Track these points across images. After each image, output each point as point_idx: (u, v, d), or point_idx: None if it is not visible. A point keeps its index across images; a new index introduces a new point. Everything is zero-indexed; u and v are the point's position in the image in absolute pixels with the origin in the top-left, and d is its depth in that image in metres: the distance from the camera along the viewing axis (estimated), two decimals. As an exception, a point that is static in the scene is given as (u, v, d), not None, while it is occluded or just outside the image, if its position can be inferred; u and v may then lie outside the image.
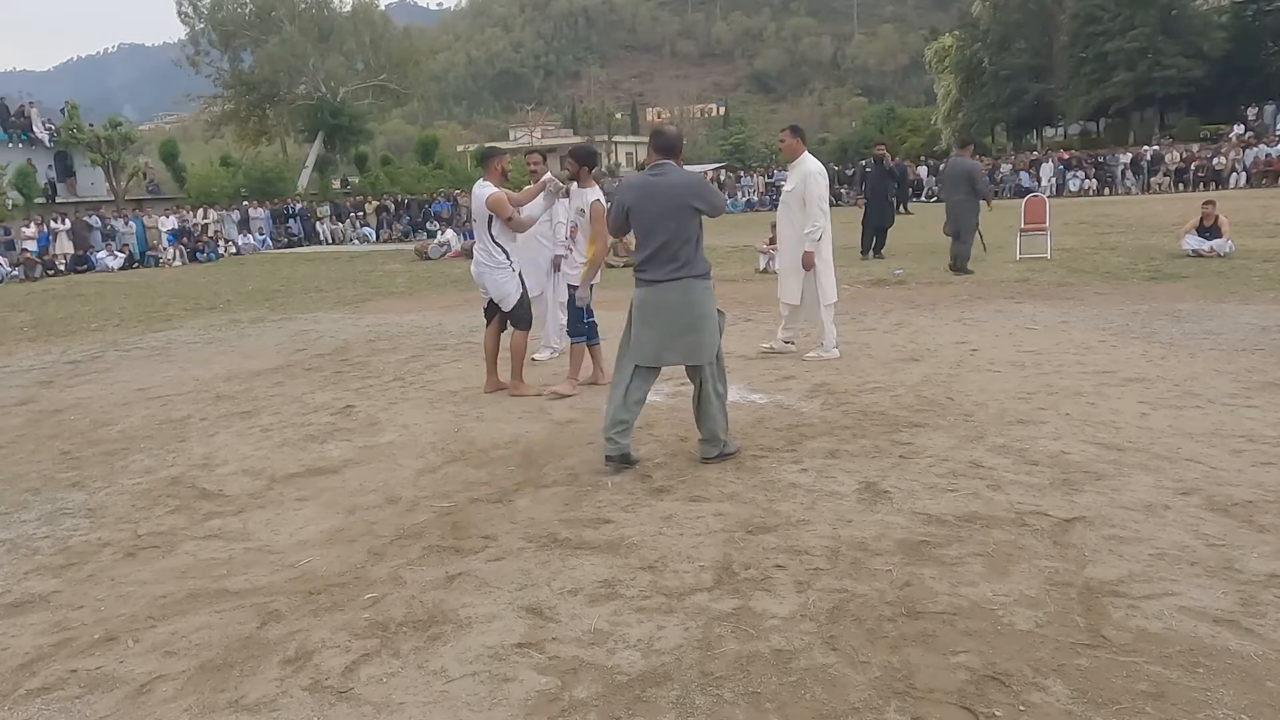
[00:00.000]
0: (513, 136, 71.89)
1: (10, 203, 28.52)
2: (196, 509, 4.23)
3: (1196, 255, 11.52)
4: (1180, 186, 30.45)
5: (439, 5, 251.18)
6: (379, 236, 30.99)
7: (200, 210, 28.76)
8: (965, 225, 11.63)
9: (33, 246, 22.65)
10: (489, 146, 6.38)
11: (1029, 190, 26.66)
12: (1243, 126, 37.30)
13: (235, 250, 27.27)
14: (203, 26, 43.72)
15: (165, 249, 25.07)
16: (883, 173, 15.17)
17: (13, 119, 34.82)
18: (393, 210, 32.39)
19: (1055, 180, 31.44)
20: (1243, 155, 30.34)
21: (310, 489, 4.44)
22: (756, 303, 9.86)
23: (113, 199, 33.17)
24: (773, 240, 13.10)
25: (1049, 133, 50.67)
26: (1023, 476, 4.01)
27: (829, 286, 6.74)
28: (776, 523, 3.63)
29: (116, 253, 24.10)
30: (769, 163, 45.68)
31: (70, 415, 6.41)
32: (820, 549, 3.36)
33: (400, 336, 9.17)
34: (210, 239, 26.75)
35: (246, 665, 2.75)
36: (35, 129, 35.10)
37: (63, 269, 22.80)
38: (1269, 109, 38.64)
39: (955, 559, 3.22)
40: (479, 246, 6.02)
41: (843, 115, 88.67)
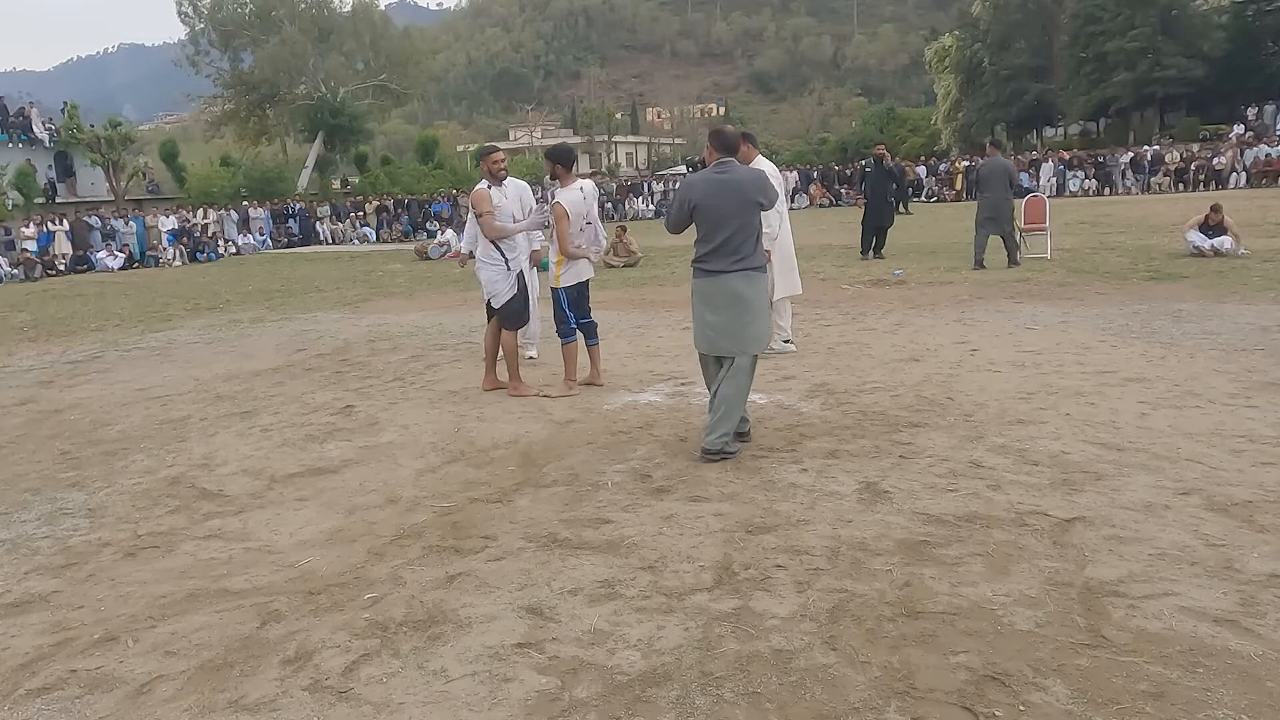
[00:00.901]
0: (513, 136, 71.96)
1: (10, 203, 28.51)
2: (196, 509, 4.23)
3: (1198, 253, 11.51)
4: (1180, 186, 30.45)
5: (439, 5, 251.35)
6: (379, 236, 31.00)
7: (200, 210, 28.77)
8: (1008, 219, 12.22)
9: (33, 246, 22.65)
10: (484, 145, 6.41)
11: (1029, 190, 26.69)
12: (1243, 126, 37.30)
13: (235, 250, 27.28)
14: (203, 26, 43.73)
15: (165, 249, 25.08)
16: (883, 173, 15.18)
17: (13, 119, 34.80)
18: (393, 210, 32.40)
19: (1055, 180, 31.44)
20: (1242, 155, 30.35)
21: (310, 489, 4.44)
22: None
23: (113, 199, 33.17)
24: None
25: (1049, 133, 50.65)
26: (1023, 476, 4.01)
27: (781, 283, 6.90)
28: (776, 523, 3.63)
29: (116, 253, 24.11)
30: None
31: (70, 415, 6.41)
32: (820, 549, 3.36)
33: (400, 336, 9.17)
34: (210, 239, 26.75)
35: (246, 665, 2.75)
36: (35, 129, 35.08)
37: (63, 269, 22.80)
38: (1269, 109, 38.63)
39: (955, 559, 3.22)
40: (480, 242, 6.07)
41: (843, 115, 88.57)
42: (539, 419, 5.53)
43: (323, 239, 30.96)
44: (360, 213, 32.82)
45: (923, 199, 33.06)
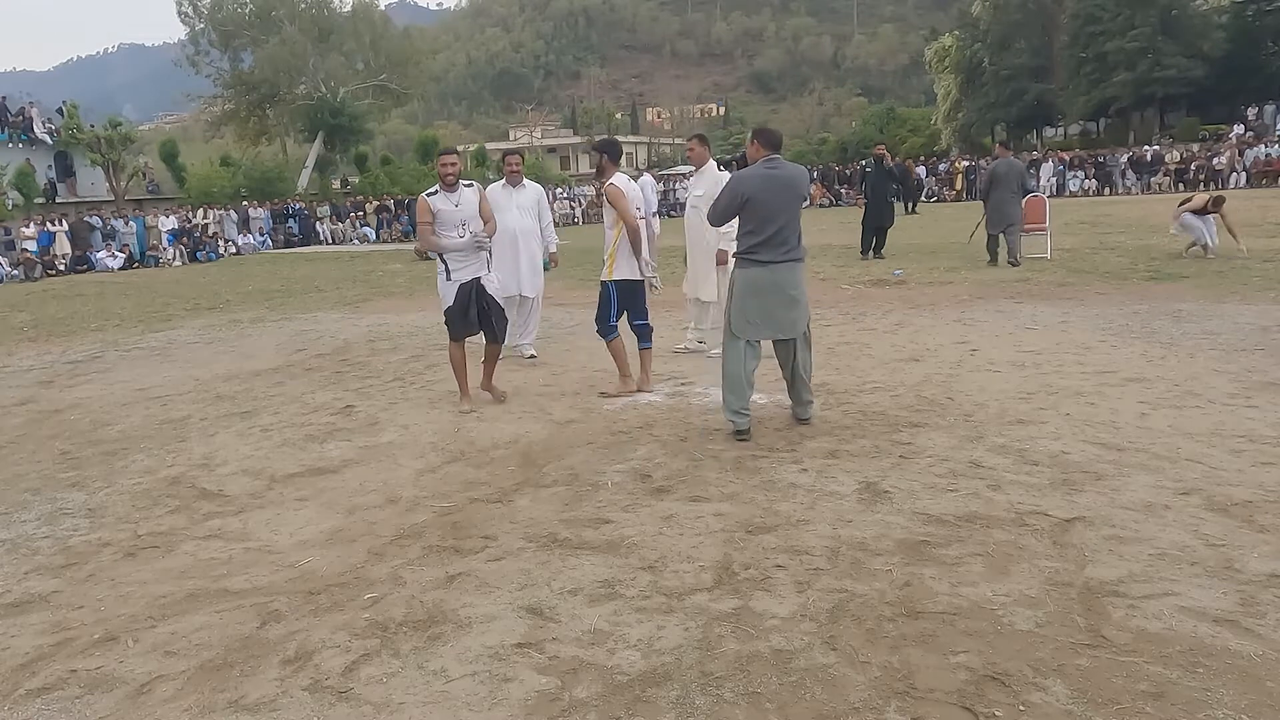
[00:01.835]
0: (513, 136, 71.98)
1: (10, 203, 28.50)
2: (196, 509, 4.23)
3: (1189, 247, 11.57)
4: (1180, 186, 30.44)
5: (439, 5, 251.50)
6: (379, 236, 31.00)
7: (200, 210, 28.75)
8: (1016, 219, 12.40)
9: (32, 246, 22.64)
10: (442, 147, 6.37)
11: (1029, 190, 26.67)
12: (1243, 126, 37.32)
13: (235, 250, 27.25)
14: (203, 26, 43.68)
15: (165, 249, 25.05)
16: (883, 173, 15.18)
17: (13, 119, 34.79)
18: (393, 210, 32.38)
19: (1055, 180, 31.45)
20: (1242, 155, 30.35)
21: (310, 489, 4.44)
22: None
23: (113, 199, 33.12)
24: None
25: (1049, 133, 50.66)
26: (1023, 476, 4.01)
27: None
28: (776, 523, 3.63)
29: (116, 253, 24.09)
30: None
31: (70, 415, 6.41)
32: (820, 549, 3.36)
33: (400, 336, 9.17)
34: (210, 239, 26.75)
35: (246, 665, 2.75)
36: (35, 129, 35.07)
37: (63, 269, 22.79)
38: (1269, 109, 38.65)
39: (955, 559, 3.22)
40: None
41: (843, 115, 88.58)
42: (539, 419, 5.53)
43: (323, 239, 30.93)
44: (360, 213, 32.80)
45: (923, 199, 33.06)
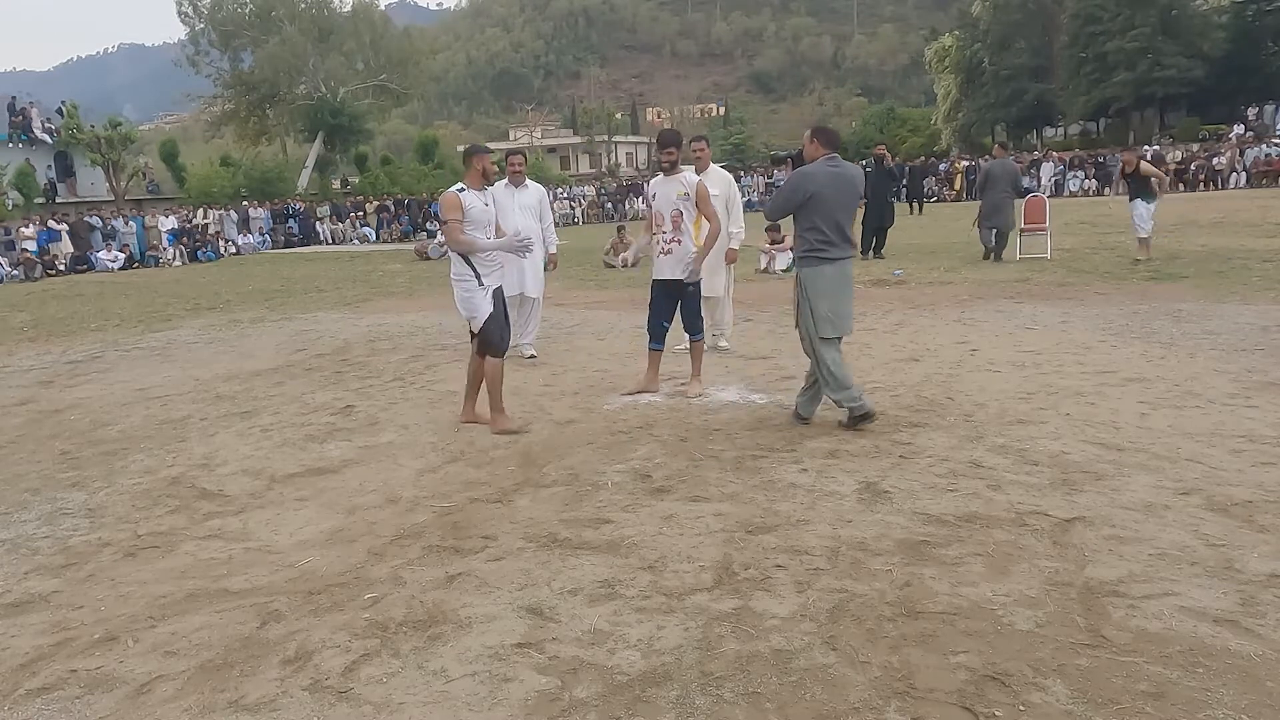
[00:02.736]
0: (513, 136, 71.88)
1: (10, 203, 28.49)
2: (196, 509, 4.23)
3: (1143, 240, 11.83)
4: (1180, 186, 30.44)
5: (439, 5, 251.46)
6: (379, 236, 30.99)
7: (200, 210, 28.75)
8: (1010, 218, 12.84)
9: (32, 246, 22.64)
10: (473, 144, 5.72)
11: (1029, 190, 26.69)
12: (1243, 126, 37.33)
13: (235, 250, 27.26)
14: (203, 26, 43.67)
15: (165, 249, 25.05)
16: (883, 173, 15.19)
17: (14, 119, 34.80)
18: (393, 210, 32.38)
19: (1055, 180, 31.44)
20: (1242, 155, 30.35)
21: (310, 489, 4.44)
22: (757, 303, 9.85)
23: (113, 199, 33.12)
24: (773, 240, 13.12)
25: (1049, 133, 50.68)
26: (1023, 476, 4.01)
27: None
28: (776, 523, 3.63)
29: (116, 253, 24.09)
30: (770, 163, 45.69)
31: (70, 415, 6.41)
32: (820, 549, 3.36)
33: (400, 336, 9.17)
34: (210, 239, 26.74)
35: (246, 665, 2.75)
36: (35, 129, 35.07)
37: (63, 269, 22.79)
38: (1269, 109, 38.66)
39: (955, 559, 3.22)
40: (452, 258, 5.33)
41: (843, 115, 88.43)
42: (539, 419, 5.53)
43: (323, 239, 30.93)
44: (360, 213, 32.80)
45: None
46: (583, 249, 18.45)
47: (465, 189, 5.20)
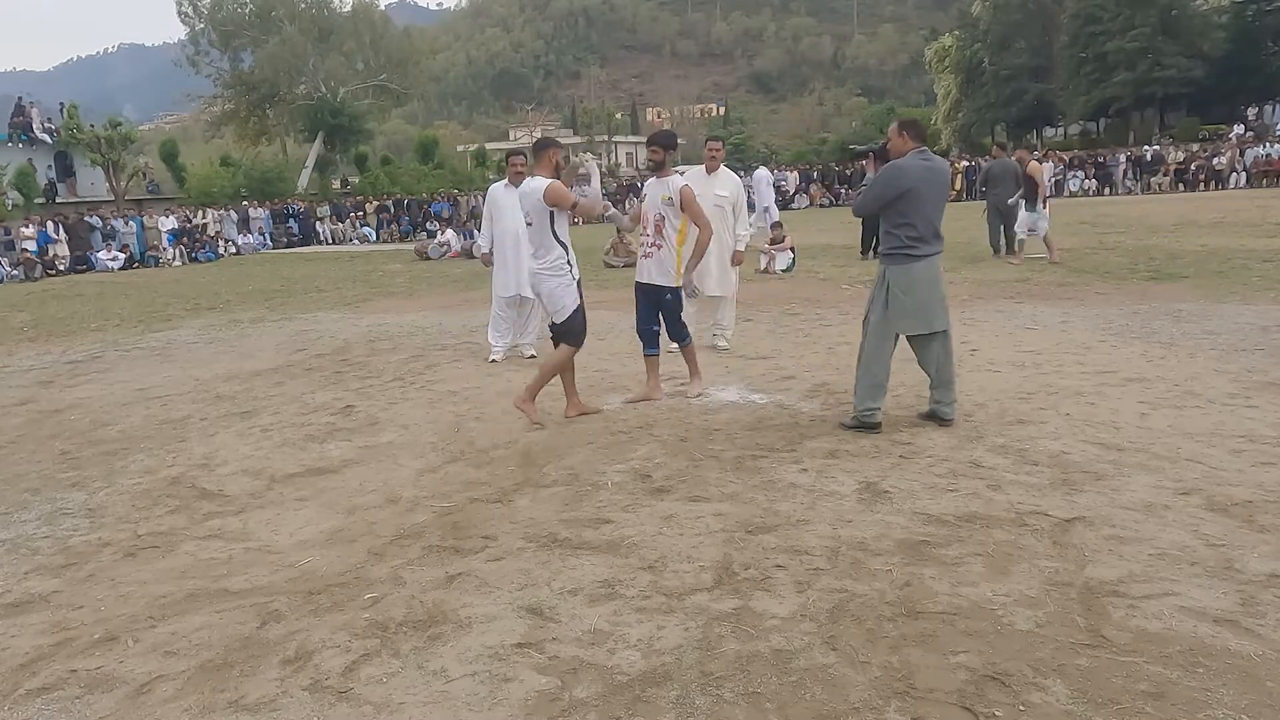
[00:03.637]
0: (513, 136, 71.95)
1: (10, 203, 28.49)
2: (196, 509, 4.23)
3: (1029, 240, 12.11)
4: (1180, 186, 30.45)
5: (439, 5, 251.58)
6: (379, 236, 30.99)
7: (200, 210, 28.75)
8: (1011, 216, 12.87)
9: (32, 246, 22.64)
10: (544, 137, 5.63)
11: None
12: (1243, 126, 37.34)
13: (235, 250, 27.26)
14: (203, 26, 43.69)
15: (165, 249, 25.06)
16: (883, 173, 15.18)
17: (14, 119, 34.80)
18: (393, 210, 32.39)
19: (1055, 180, 31.45)
20: (1243, 155, 30.35)
21: (310, 489, 4.44)
22: (757, 303, 9.85)
23: (113, 199, 33.12)
24: (774, 240, 13.12)
25: (1049, 133, 50.68)
26: (1023, 476, 4.01)
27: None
28: (776, 523, 3.63)
29: (116, 253, 24.09)
30: (769, 163, 45.75)
31: (70, 415, 6.41)
32: (820, 549, 3.36)
33: (400, 336, 9.17)
34: (210, 239, 26.74)
35: (246, 665, 2.75)
36: (35, 129, 35.07)
37: (63, 269, 22.79)
38: (1269, 109, 38.68)
39: (955, 559, 3.22)
40: (536, 250, 5.35)
41: (843, 115, 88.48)
42: (539, 419, 5.52)
43: (323, 239, 30.94)
44: (360, 213, 32.80)
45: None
46: (582, 249, 18.48)
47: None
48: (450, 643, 2.81)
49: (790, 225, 13.98)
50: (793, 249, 13.16)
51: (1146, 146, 34.83)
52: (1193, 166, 30.85)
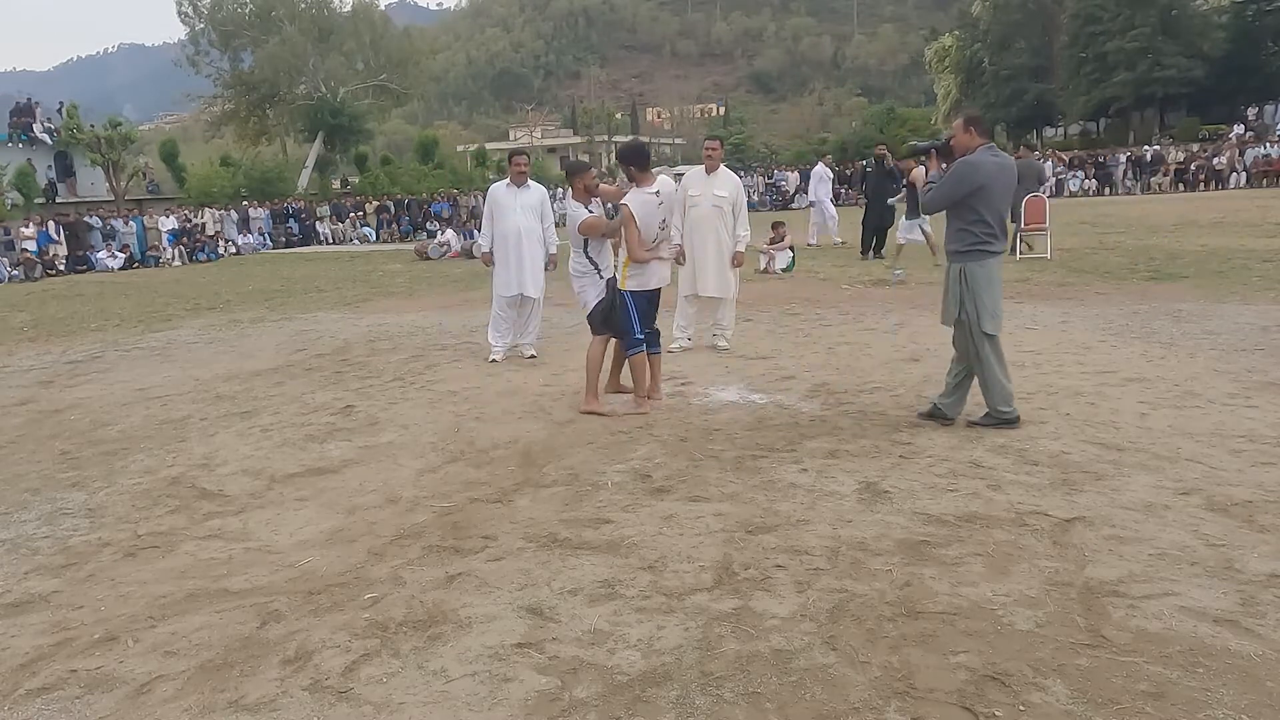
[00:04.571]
0: (513, 136, 71.86)
1: (10, 203, 28.49)
2: (196, 509, 4.23)
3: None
4: (1180, 186, 30.45)
5: (439, 5, 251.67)
6: (379, 236, 30.99)
7: (200, 210, 28.74)
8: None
9: (32, 246, 22.64)
10: (576, 161, 6.13)
11: (1029, 190, 26.67)
12: (1243, 126, 37.35)
13: (235, 250, 27.25)
14: (203, 26, 43.69)
15: (165, 249, 25.04)
16: (883, 173, 15.17)
17: (14, 120, 34.80)
18: (393, 210, 32.38)
19: (1055, 180, 31.45)
20: (1242, 155, 30.36)
21: (310, 489, 4.44)
22: (757, 303, 9.85)
23: (113, 199, 33.12)
24: (773, 240, 13.12)
25: (1049, 133, 50.67)
26: (1023, 476, 4.01)
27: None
28: (776, 523, 3.63)
29: (116, 253, 24.08)
30: (770, 163, 45.75)
31: (70, 415, 6.41)
32: (820, 549, 3.36)
33: (400, 336, 9.17)
34: (210, 239, 26.74)
35: (246, 665, 2.75)
36: (35, 129, 35.07)
37: (63, 269, 22.79)
38: (1269, 109, 38.68)
39: (955, 559, 3.22)
40: (573, 255, 5.92)
41: (843, 115, 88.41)
42: (539, 419, 5.53)
43: (323, 239, 30.92)
44: (360, 213, 32.79)
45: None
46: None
47: (583, 205, 5.86)
48: (450, 643, 2.81)
49: (790, 225, 13.97)
50: (792, 248, 13.17)
51: (1146, 146, 34.84)
52: (1193, 166, 30.86)
